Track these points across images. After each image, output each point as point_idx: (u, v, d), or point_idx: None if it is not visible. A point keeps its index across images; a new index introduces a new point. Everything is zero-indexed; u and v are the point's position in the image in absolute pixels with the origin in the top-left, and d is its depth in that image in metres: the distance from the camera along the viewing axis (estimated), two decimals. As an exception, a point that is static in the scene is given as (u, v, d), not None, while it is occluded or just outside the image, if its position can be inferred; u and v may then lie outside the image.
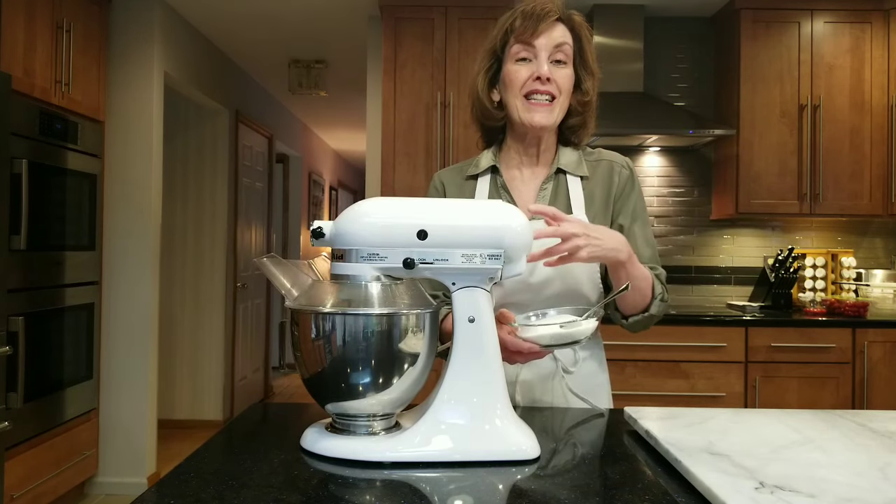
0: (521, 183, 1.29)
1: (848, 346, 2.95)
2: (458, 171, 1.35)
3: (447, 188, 1.34)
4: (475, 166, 1.31)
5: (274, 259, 0.98)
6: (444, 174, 1.37)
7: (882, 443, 0.90)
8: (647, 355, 2.95)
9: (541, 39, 1.19)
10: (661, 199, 3.65)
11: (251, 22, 3.81)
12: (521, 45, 1.21)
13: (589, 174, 1.28)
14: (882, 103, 3.28)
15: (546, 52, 1.19)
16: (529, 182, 1.29)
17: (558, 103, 1.22)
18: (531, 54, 1.20)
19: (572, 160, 1.28)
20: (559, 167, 1.27)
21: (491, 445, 0.88)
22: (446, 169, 1.38)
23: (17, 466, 2.53)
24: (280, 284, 0.96)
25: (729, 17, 3.43)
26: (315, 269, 0.98)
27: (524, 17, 1.19)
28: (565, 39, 1.21)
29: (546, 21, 1.19)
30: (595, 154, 1.31)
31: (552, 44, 1.19)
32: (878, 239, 3.62)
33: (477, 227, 0.89)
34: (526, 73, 1.20)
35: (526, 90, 1.20)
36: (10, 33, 2.47)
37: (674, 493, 0.78)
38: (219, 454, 0.94)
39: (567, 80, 1.22)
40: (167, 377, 4.40)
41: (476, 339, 0.91)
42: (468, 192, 1.31)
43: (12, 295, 2.48)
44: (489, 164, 1.30)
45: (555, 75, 1.20)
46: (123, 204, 3.31)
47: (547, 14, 1.19)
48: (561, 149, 1.29)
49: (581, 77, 1.25)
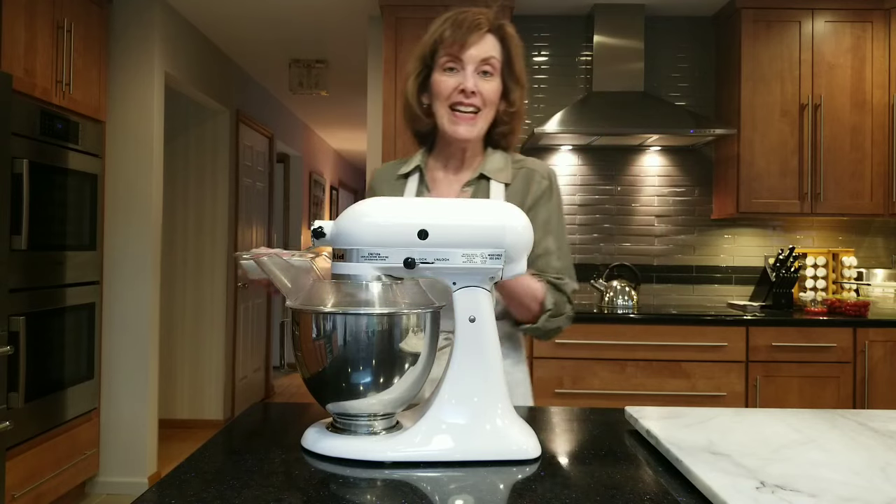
0: (445, 185, 1.31)
1: (849, 345, 2.95)
2: (393, 168, 1.37)
3: (380, 185, 1.36)
4: (407, 165, 1.34)
5: (271, 259, 0.98)
6: (381, 171, 1.39)
7: (883, 442, 0.90)
8: (648, 355, 2.95)
9: (468, 52, 1.20)
10: (661, 198, 3.64)
11: (252, 22, 3.82)
12: (448, 57, 1.22)
13: (511, 181, 1.29)
14: (883, 102, 3.28)
15: (473, 64, 1.21)
16: (453, 184, 1.31)
17: (482, 115, 1.23)
18: (458, 65, 1.21)
19: (497, 166, 1.29)
20: (483, 172, 1.29)
21: (492, 445, 0.88)
22: (386, 165, 1.40)
23: (18, 466, 2.54)
24: (278, 282, 0.96)
25: (730, 16, 3.43)
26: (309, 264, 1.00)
27: (453, 28, 1.20)
28: (493, 52, 1.22)
29: (475, 34, 1.20)
30: (521, 161, 1.33)
31: (479, 57, 1.21)
32: (879, 238, 3.62)
33: (477, 226, 0.89)
34: (452, 83, 1.21)
35: (451, 101, 1.22)
36: (10, 33, 2.47)
37: (674, 492, 0.78)
38: (219, 454, 0.94)
39: (493, 93, 1.23)
40: (168, 377, 4.41)
41: (477, 339, 0.91)
42: (399, 190, 1.33)
43: (13, 295, 2.48)
44: (416, 165, 1.32)
45: (480, 88, 1.21)
46: (124, 204, 3.31)
47: (476, 26, 1.20)
48: (489, 154, 1.31)
49: (509, 87, 1.26)
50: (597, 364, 2.96)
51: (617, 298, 3.30)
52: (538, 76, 3.67)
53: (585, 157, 3.65)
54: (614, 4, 3.42)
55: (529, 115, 3.66)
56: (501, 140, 1.32)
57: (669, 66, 3.65)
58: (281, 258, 1.02)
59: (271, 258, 1.00)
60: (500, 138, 1.31)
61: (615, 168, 3.65)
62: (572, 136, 3.27)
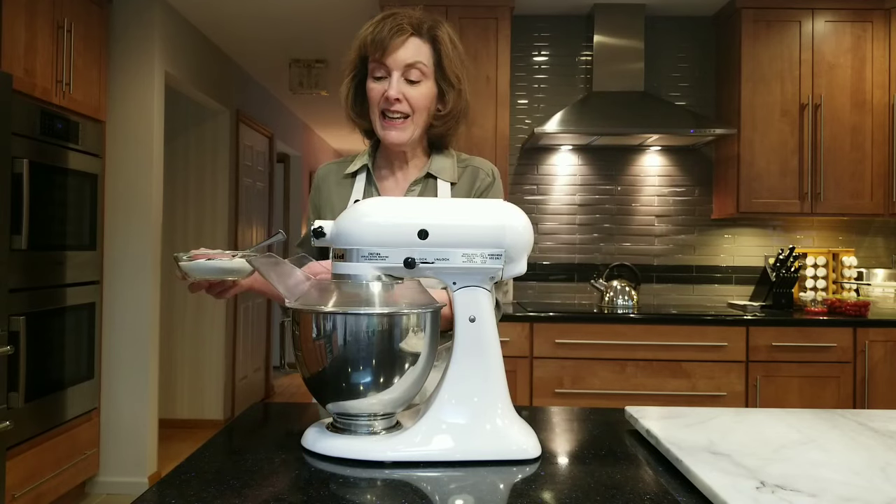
0: (392, 184, 1.32)
1: (849, 345, 2.95)
2: (339, 167, 1.36)
3: (322, 188, 1.35)
4: (353, 165, 1.34)
5: (271, 259, 0.98)
6: (322, 172, 1.38)
7: (883, 442, 0.90)
8: (648, 355, 2.95)
9: (392, 58, 1.19)
10: (661, 198, 3.64)
11: (252, 21, 3.82)
12: (374, 63, 1.21)
13: (457, 179, 1.31)
14: (883, 102, 3.27)
15: (398, 70, 1.20)
16: (401, 183, 1.32)
17: (412, 121, 1.23)
18: (385, 72, 1.21)
19: (444, 166, 1.31)
20: (429, 172, 1.30)
21: (492, 445, 0.88)
22: (327, 164, 1.39)
23: (19, 466, 2.54)
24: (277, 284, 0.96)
25: (730, 16, 3.43)
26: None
27: (374, 34, 1.19)
28: (418, 58, 1.20)
29: (397, 39, 1.18)
30: (466, 160, 1.34)
31: (404, 62, 1.20)
32: (879, 238, 3.62)
33: (478, 226, 0.89)
34: (379, 90, 1.21)
35: (381, 108, 1.22)
36: (10, 33, 2.47)
37: (675, 492, 0.78)
38: (220, 454, 0.94)
39: (421, 98, 1.22)
40: (168, 376, 4.41)
41: (477, 339, 0.91)
42: (344, 191, 1.33)
43: (13, 294, 2.48)
44: (363, 164, 1.32)
45: (407, 94, 1.20)
46: (124, 204, 3.31)
47: (398, 31, 1.18)
48: (434, 155, 1.32)
49: (443, 90, 1.25)
50: (597, 364, 2.96)
51: (617, 298, 3.30)
52: (538, 76, 3.67)
53: (585, 157, 3.65)
54: (614, 4, 3.42)
55: (529, 114, 3.66)
56: (439, 141, 1.32)
57: (669, 66, 3.65)
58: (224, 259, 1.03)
59: (267, 258, 0.99)
60: (437, 139, 1.32)
61: (615, 168, 3.65)
62: (572, 135, 3.27)
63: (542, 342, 2.97)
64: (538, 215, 3.63)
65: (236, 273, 1.08)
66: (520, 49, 3.64)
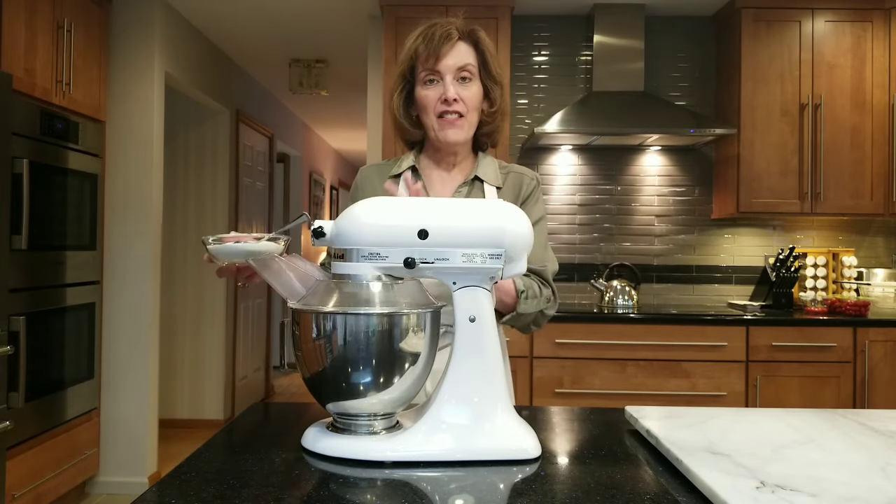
0: (440, 184, 1.37)
1: (849, 345, 2.95)
2: (380, 169, 1.41)
3: (366, 187, 1.39)
4: (398, 166, 1.38)
5: (269, 259, 0.98)
6: (367, 171, 1.43)
7: (883, 442, 0.90)
8: (648, 355, 2.95)
9: (444, 63, 1.26)
10: (661, 198, 3.64)
11: (252, 21, 3.82)
12: (426, 71, 1.28)
13: (502, 185, 1.37)
14: (883, 102, 3.27)
15: (451, 74, 1.27)
16: (447, 184, 1.37)
17: (467, 120, 1.29)
18: (437, 77, 1.28)
19: (490, 170, 1.37)
20: (477, 175, 1.36)
21: (492, 445, 0.88)
22: (370, 165, 1.44)
23: (19, 466, 2.54)
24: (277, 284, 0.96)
25: (730, 16, 3.43)
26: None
27: (426, 43, 1.27)
28: (468, 59, 1.28)
29: (446, 44, 1.26)
30: (508, 167, 1.41)
31: (455, 66, 1.27)
32: (879, 238, 3.62)
33: (478, 226, 0.89)
34: (435, 95, 1.28)
35: (437, 111, 1.29)
36: (11, 33, 2.47)
37: (675, 492, 0.78)
38: (220, 454, 0.94)
39: (474, 97, 1.30)
40: (168, 377, 4.40)
41: (477, 339, 0.91)
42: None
43: (13, 294, 2.48)
44: (409, 165, 1.37)
45: (461, 94, 1.27)
46: (124, 204, 3.31)
47: (447, 37, 1.26)
48: (481, 158, 1.38)
49: (489, 88, 1.33)
50: (597, 364, 2.96)
51: (617, 298, 3.30)
52: (538, 76, 3.67)
53: (585, 157, 3.65)
54: (614, 4, 3.42)
55: (529, 114, 3.66)
56: (488, 139, 1.39)
57: (669, 66, 3.65)
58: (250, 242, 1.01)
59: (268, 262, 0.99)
60: (486, 137, 1.38)
61: (615, 168, 3.65)
62: (572, 135, 3.27)
63: (542, 342, 2.97)
64: (538, 215, 3.62)
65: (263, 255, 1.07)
66: (520, 49, 3.64)
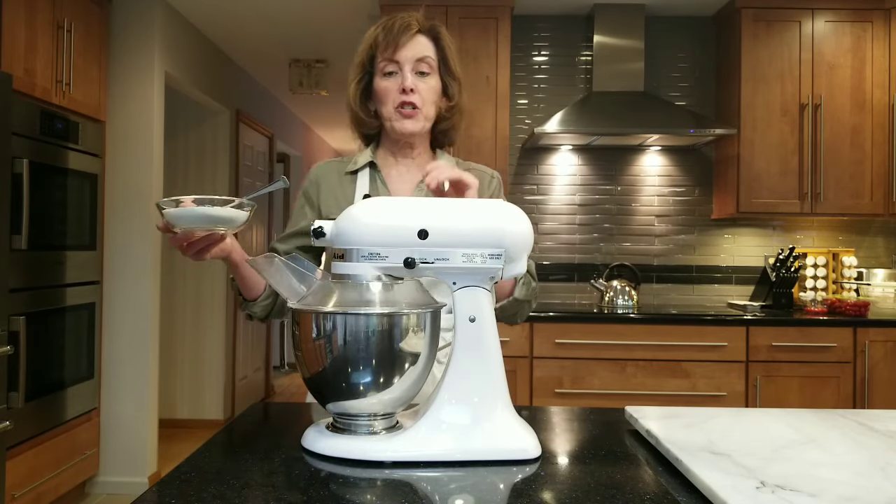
0: (399, 180, 1.35)
1: (849, 345, 2.95)
2: (336, 166, 1.38)
3: (322, 184, 1.36)
4: (354, 163, 1.36)
5: (269, 258, 0.97)
6: (322, 169, 1.39)
7: (883, 442, 0.90)
8: (648, 355, 2.95)
9: (402, 52, 1.26)
10: (661, 198, 3.64)
11: (251, 21, 3.81)
12: (386, 61, 1.27)
13: None
14: (883, 102, 3.27)
15: (409, 65, 1.27)
16: (407, 179, 1.35)
17: (423, 112, 1.28)
18: (396, 68, 1.27)
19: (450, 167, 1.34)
20: None
21: (492, 445, 0.88)
22: (324, 163, 1.41)
23: (19, 466, 2.53)
24: (276, 284, 0.96)
25: (730, 16, 3.43)
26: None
27: (386, 33, 1.27)
28: (427, 52, 1.28)
29: (406, 35, 1.26)
30: (466, 165, 1.40)
31: (414, 57, 1.27)
32: (879, 238, 3.62)
33: (478, 226, 0.89)
34: (393, 86, 1.27)
35: (395, 102, 1.27)
36: (10, 33, 2.47)
37: (675, 492, 0.78)
38: (220, 454, 0.94)
39: (431, 91, 1.29)
40: (168, 377, 4.40)
41: (477, 339, 0.91)
42: (347, 188, 1.34)
43: (13, 294, 2.48)
44: (367, 161, 1.35)
45: (419, 86, 1.27)
46: (124, 204, 3.31)
47: (407, 28, 1.26)
48: (439, 155, 1.38)
49: (447, 84, 1.32)
50: (597, 364, 2.96)
51: (617, 298, 3.30)
52: (538, 76, 3.67)
53: (585, 157, 3.65)
54: (614, 4, 3.42)
55: (529, 114, 3.66)
56: (444, 137, 1.38)
57: (669, 66, 3.65)
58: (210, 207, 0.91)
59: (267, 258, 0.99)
60: (443, 135, 1.37)
61: (615, 168, 3.65)
62: (572, 135, 3.27)
63: (542, 342, 2.97)
64: (538, 215, 3.63)
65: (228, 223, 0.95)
66: (520, 49, 3.64)
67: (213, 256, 1.06)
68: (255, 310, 1.27)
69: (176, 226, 0.92)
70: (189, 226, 0.92)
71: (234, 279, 1.23)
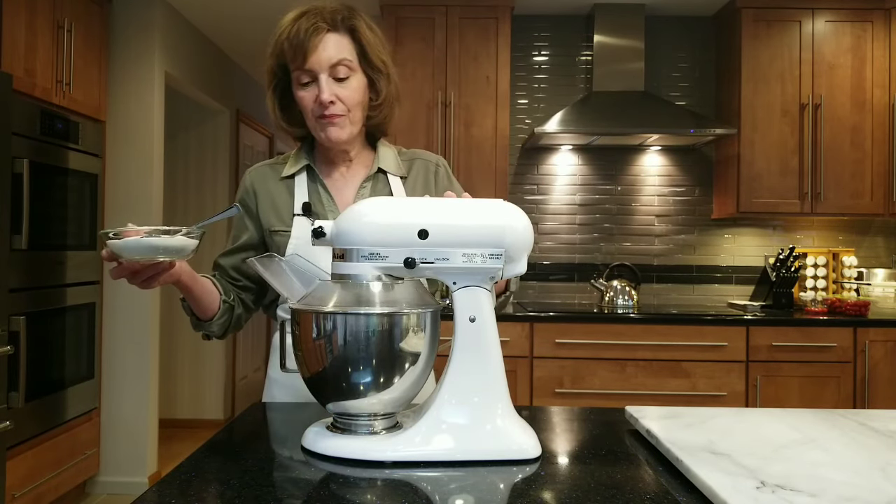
0: (342, 182, 1.29)
1: (849, 345, 2.95)
2: (270, 170, 1.31)
3: (259, 191, 1.29)
4: (289, 167, 1.29)
5: (269, 258, 0.97)
6: (255, 174, 1.31)
7: (883, 442, 0.90)
8: (648, 355, 2.95)
9: (314, 59, 1.16)
10: (661, 198, 3.64)
11: (252, 22, 3.81)
12: (298, 71, 1.18)
13: (406, 173, 1.31)
14: (883, 102, 3.27)
15: (325, 72, 1.17)
16: (350, 180, 1.30)
17: (349, 118, 1.21)
18: (311, 77, 1.18)
19: (392, 161, 1.30)
20: (381, 168, 1.29)
21: (492, 445, 0.88)
22: (257, 167, 1.33)
23: (19, 466, 2.53)
24: (277, 284, 0.96)
25: (730, 16, 3.43)
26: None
27: (291, 41, 1.16)
28: (342, 54, 1.17)
29: (315, 39, 1.15)
30: (409, 154, 1.34)
31: (328, 63, 1.16)
32: (880, 238, 3.62)
33: (478, 226, 0.89)
34: (311, 97, 1.18)
35: (316, 113, 1.19)
36: (11, 33, 2.47)
37: (675, 492, 0.78)
38: (220, 454, 0.94)
39: (354, 94, 1.20)
40: (168, 376, 4.40)
41: (477, 339, 0.91)
42: (283, 192, 1.27)
43: (14, 294, 2.48)
44: (304, 165, 1.28)
45: (339, 94, 1.18)
46: (124, 203, 3.31)
47: (315, 31, 1.15)
48: (380, 148, 1.32)
49: (373, 79, 1.23)
50: (597, 364, 2.96)
51: (617, 298, 3.30)
52: (538, 76, 3.67)
53: (585, 157, 3.65)
54: (614, 4, 3.42)
55: (529, 114, 3.66)
56: (378, 130, 1.31)
57: (669, 66, 3.65)
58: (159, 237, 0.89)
59: (267, 258, 0.99)
60: (376, 129, 1.30)
61: (615, 168, 3.65)
62: (572, 135, 3.27)
63: (542, 342, 2.97)
64: (538, 215, 3.63)
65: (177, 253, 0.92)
66: (520, 49, 3.64)
67: (161, 284, 1.01)
68: (212, 329, 1.22)
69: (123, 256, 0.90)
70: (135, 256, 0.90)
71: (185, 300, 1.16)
